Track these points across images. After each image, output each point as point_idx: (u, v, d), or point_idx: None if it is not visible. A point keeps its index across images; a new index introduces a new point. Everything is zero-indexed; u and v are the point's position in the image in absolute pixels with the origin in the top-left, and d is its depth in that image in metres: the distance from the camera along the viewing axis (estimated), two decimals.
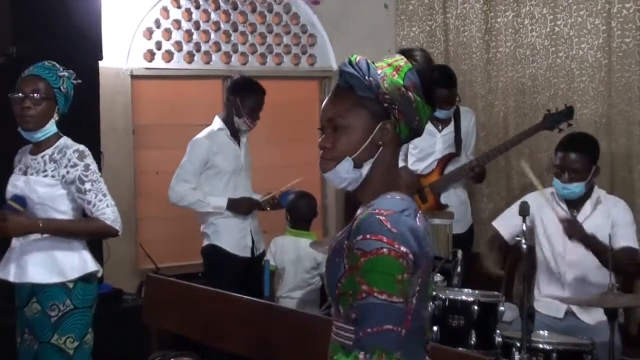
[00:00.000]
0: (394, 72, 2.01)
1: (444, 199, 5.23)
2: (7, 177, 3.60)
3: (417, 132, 2.07)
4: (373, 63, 2.03)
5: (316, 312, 4.57)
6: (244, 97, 4.96)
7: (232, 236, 4.97)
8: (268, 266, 4.76)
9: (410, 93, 2.01)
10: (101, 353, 3.65)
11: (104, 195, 3.45)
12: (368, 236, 1.90)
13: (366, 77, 1.99)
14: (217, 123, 5.04)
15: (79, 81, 3.57)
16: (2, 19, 4.53)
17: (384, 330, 1.87)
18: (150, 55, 5.86)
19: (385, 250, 1.88)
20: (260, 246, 5.11)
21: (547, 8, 5.71)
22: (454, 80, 5.20)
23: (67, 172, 3.42)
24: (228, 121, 5.02)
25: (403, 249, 1.90)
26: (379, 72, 2.01)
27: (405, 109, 2.01)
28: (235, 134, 5.04)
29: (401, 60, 2.04)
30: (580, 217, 4.11)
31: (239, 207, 4.94)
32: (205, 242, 5.04)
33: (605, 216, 4.06)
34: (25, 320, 3.51)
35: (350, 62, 2.01)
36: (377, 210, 1.93)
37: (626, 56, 5.27)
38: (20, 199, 3.43)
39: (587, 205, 4.12)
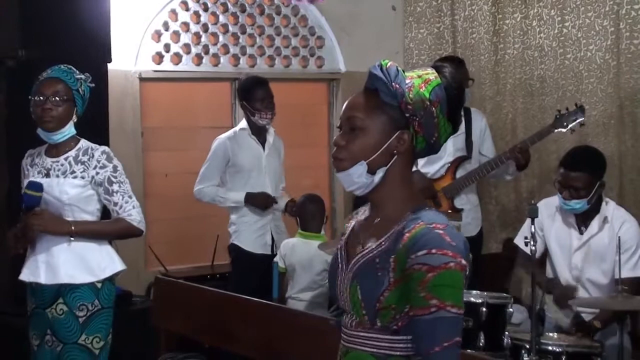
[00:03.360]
0: (422, 85, 1.99)
1: (456, 203, 5.19)
2: (19, 176, 3.62)
3: (434, 149, 2.05)
4: (404, 71, 2.01)
5: (325, 314, 4.57)
6: (248, 96, 5.07)
7: (250, 234, 5.10)
8: (277, 268, 4.77)
9: (434, 108, 1.99)
10: (110, 355, 3.65)
11: (130, 197, 3.53)
12: (434, 251, 1.88)
13: (392, 84, 1.97)
14: (242, 123, 5.20)
15: (93, 85, 3.61)
16: (11, 22, 4.54)
17: (455, 343, 1.87)
18: (158, 58, 5.87)
19: (452, 264, 1.87)
20: None
21: (555, 10, 5.70)
22: (461, 60, 5.26)
23: (97, 173, 3.47)
24: (250, 123, 5.13)
25: (463, 262, 1.90)
26: (408, 81, 1.99)
27: (426, 122, 1.99)
28: (259, 134, 5.14)
29: (432, 74, 2.02)
30: (586, 235, 4.08)
31: (256, 201, 5.04)
32: (229, 242, 5.21)
33: (611, 237, 3.98)
34: (46, 322, 3.50)
35: (380, 66, 2.00)
36: (433, 225, 1.92)
37: (635, 58, 5.26)
38: (35, 185, 3.44)
39: (595, 223, 4.06)
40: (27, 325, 3.62)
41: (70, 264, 3.46)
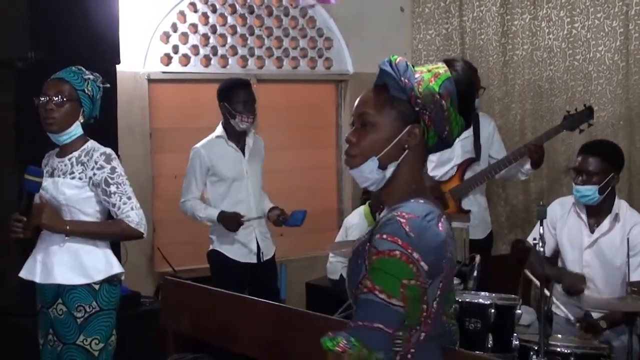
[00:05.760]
0: (432, 78, 2.00)
1: (464, 205, 5.18)
2: None
3: (447, 143, 2.06)
4: (413, 66, 2.03)
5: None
6: (230, 98, 4.84)
7: (234, 242, 4.92)
8: (284, 269, 4.75)
9: (443, 102, 1.99)
10: (119, 356, 3.66)
11: (129, 198, 3.48)
12: (385, 236, 1.92)
13: (401, 78, 1.98)
14: (218, 130, 4.97)
15: (107, 85, 3.61)
16: (20, 24, 4.55)
17: (373, 328, 1.89)
18: (167, 59, 5.89)
19: (397, 252, 1.90)
20: (269, 252, 5.02)
21: (565, 11, 5.69)
22: (474, 67, 5.21)
23: (94, 174, 3.45)
24: (227, 127, 4.92)
25: (416, 255, 1.91)
26: (417, 75, 2.00)
27: (436, 116, 1.99)
28: (238, 139, 4.94)
29: (442, 68, 2.03)
30: (597, 233, 4.09)
31: (226, 223, 4.82)
32: (210, 247, 5.04)
33: (623, 237, 3.97)
34: (49, 321, 3.52)
35: (390, 61, 2.01)
36: (399, 213, 1.95)
37: None
38: (34, 170, 3.42)
39: (606, 222, 4.07)
40: (36, 324, 3.65)
41: (65, 265, 3.46)
